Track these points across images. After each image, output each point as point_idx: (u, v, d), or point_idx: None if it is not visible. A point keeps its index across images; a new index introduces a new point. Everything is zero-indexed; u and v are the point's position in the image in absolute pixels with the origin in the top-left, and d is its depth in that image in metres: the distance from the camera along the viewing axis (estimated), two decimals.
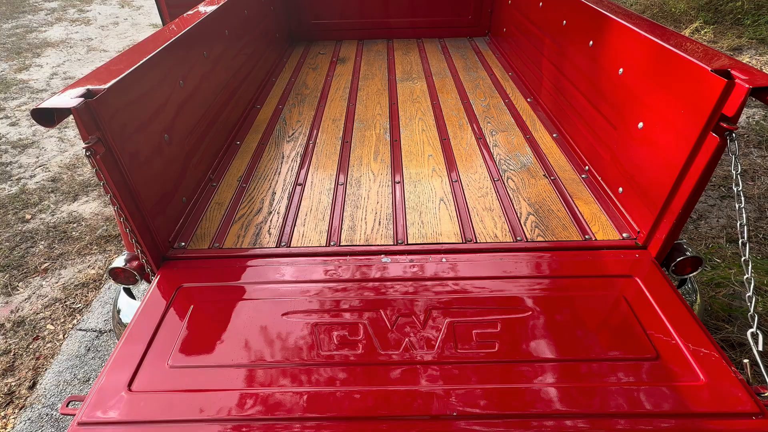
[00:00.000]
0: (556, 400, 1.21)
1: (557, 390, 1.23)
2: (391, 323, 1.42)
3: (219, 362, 1.32)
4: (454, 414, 1.18)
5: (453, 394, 1.22)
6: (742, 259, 1.37)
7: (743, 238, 1.37)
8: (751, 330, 1.30)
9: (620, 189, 1.85)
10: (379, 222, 1.88)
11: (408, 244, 1.76)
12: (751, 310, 1.31)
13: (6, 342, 2.51)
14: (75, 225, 3.31)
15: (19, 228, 3.29)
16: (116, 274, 1.67)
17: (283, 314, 1.46)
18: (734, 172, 1.38)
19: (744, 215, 1.37)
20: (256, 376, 1.29)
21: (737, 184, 1.37)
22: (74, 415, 1.21)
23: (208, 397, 1.23)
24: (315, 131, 2.60)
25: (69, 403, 1.25)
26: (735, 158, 1.36)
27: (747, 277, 1.34)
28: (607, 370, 1.28)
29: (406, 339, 1.37)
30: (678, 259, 1.63)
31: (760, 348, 1.26)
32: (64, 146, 4.24)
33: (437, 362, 1.31)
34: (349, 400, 1.22)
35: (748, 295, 1.32)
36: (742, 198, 1.37)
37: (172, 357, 1.33)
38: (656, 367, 1.28)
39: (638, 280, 1.54)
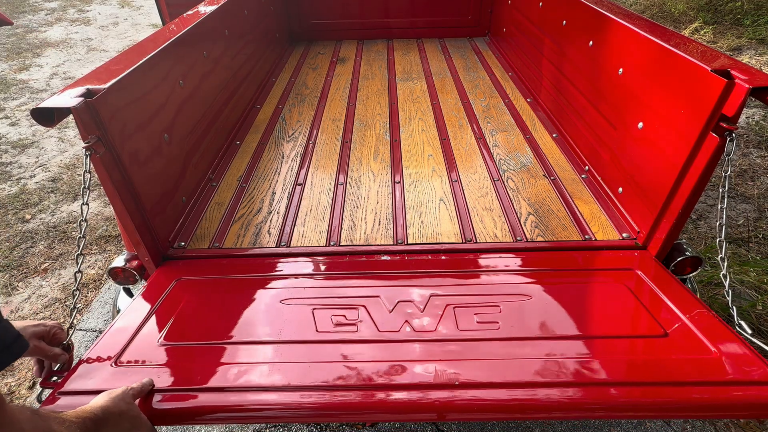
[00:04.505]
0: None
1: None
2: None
3: (211, 341, 1.33)
4: (456, 383, 1.18)
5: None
6: (719, 256, 1.42)
7: (721, 236, 1.42)
8: (736, 325, 1.34)
9: (620, 189, 1.85)
10: (379, 222, 1.88)
11: (408, 244, 1.76)
12: (730, 303, 1.36)
13: None
14: (75, 225, 3.31)
15: (19, 228, 3.29)
16: (116, 274, 1.67)
17: (281, 301, 1.46)
18: (724, 173, 1.40)
19: (725, 215, 1.41)
20: (248, 353, 1.28)
21: (724, 185, 1.40)
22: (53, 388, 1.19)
23: (197, 370, 1.23)
24: (315, 131, 2.60)
25: (50, 377, 1.24)
26: (728, 160, 1.37)
27: (723, 273, 1.40)
28: (617, 347, 1.27)
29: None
30: (678, 259, 1.63)
31: (749, 331, 1.30)
32: (64, 146, 4.23)
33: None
34: (329, 372, 1.21)
35: (726, 290, 1.38)
36: (726, 200, 1.41)
37: (163, 336, 1.34)
38: (666, 344, 1.27)
39: (639, 272, 1.55)
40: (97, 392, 1.12)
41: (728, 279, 1.39)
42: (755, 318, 2.36)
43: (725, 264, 1.40)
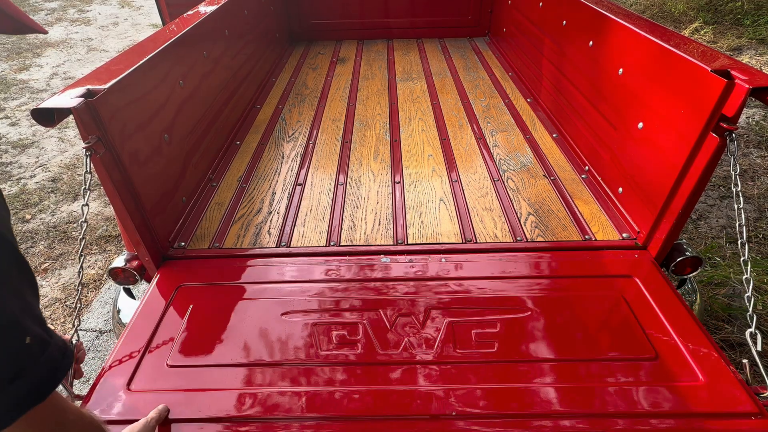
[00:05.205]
0: (555, 400, 1.21)
1: (556, 390, 1.23)
2: (391, 323, 1.42)
3: (218, 362, 1.33)
4: (453, 414, 1.18)
5: (452, 393, 1.22)
6: (742, 259, 1.37)
7: (742, 238, 1.37)
8: (749, 330, 1.30)
9: (620, 189, 1.85)
10: (379, 222, 1.88)
11: (408, 244, 1.76)
12: (750, 310, 1.31)
13: None
14: (75, 225, 3.31)
15: (19, 228, 3.29)
16: (116, 274, 1.67)
17: (282, 314, 1.46)
18: (733, 173, 1.38)
19: (743, 215, 1.37)
20: (256, 376, 1.29)
21: (736, 185, 1.37)
22: None
23: (208, 396, 1.23)
24: (315, 131, 2.60)
25: None
26: (734, 159, 1.36)
27: (746, 277, 1.34)
28: (607, 370, 1.28)
29: (406, 339, 1.37)
30: (678, 259, 1.63)
31: (759, 348, 1.26)
32: (64, 146, 4.24)
33: (436, 362, 1.31)
34: (347, 400, 1.22)
35: (747, 295, 1.33)
36: (741, 198, 1.37)
37: (171, 357, 1.34)
38: (655, 367, 1.28)
39: (637, 281, 1.55)
40: (114, 422, 1.14)
41: (751, 284, 1.32)
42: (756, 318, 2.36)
43: (748, 268, 1.34)
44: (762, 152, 3.74)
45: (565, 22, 2.44)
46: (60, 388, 0.92)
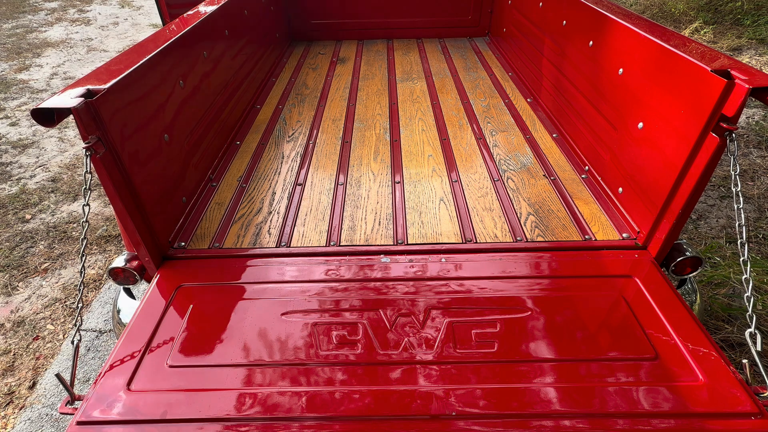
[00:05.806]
0: (555, 400, 1.21)
1: (556, 390, 1.23)
2: (391, 323, 1.42)
3: (218, 362, 1.33)
4: (453, 414, 1.18)
5: (452, 394, 1.22)
6: (741, 259, 1.37)
7: (742, 238, 1.37)
8: (749, 330, 1.30)
9: (620, 189, 1.85)
10: (379, 222, 1.88)
11: (408, 244, 1.76)
12: (750, 310, 1.31)
13: (6, 342, 2.51)
14: (75, 225, 3.31)
15: (19, 228, 3.29)
16: (116, 274, 1.67)
17: (282, 314, 1.46)
18: (733, 173, 1.38)
19: (743, 215, 1.37)
20: (256, 376, 1.29)
21: (736, 185, 1.37)
22: (73, 414, 1.21)
23: (208, 396, 1.23)
24: (315, 131, 2.60)
25: (68, 402, 1.25)
26: (734, 159, 1.36)
27: (745, 277, 1.34)
28: (607, 370, 1.28)
29: (406, 339, 1.37)
30: (678, 259, 1.63)
31: (759, 348, 1.26)
32: (64, 146, 4.24)
33: (436, 362, 1.31)
34: (348, 400, 1.22)
35: (746, 295, 1.32)
36: (741, 198, 1.37)
37: (171, 357, 1.34)
38: (655, 367, 1.28)
39: (637, 281, 1.55)
40: (114, 422, 1.14)
41: (750, 284, 1.32)
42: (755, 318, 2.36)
43: (748, 268, 1.34)
44: (762, 152, 3.74)
45: (565, 22, 2.44)
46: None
